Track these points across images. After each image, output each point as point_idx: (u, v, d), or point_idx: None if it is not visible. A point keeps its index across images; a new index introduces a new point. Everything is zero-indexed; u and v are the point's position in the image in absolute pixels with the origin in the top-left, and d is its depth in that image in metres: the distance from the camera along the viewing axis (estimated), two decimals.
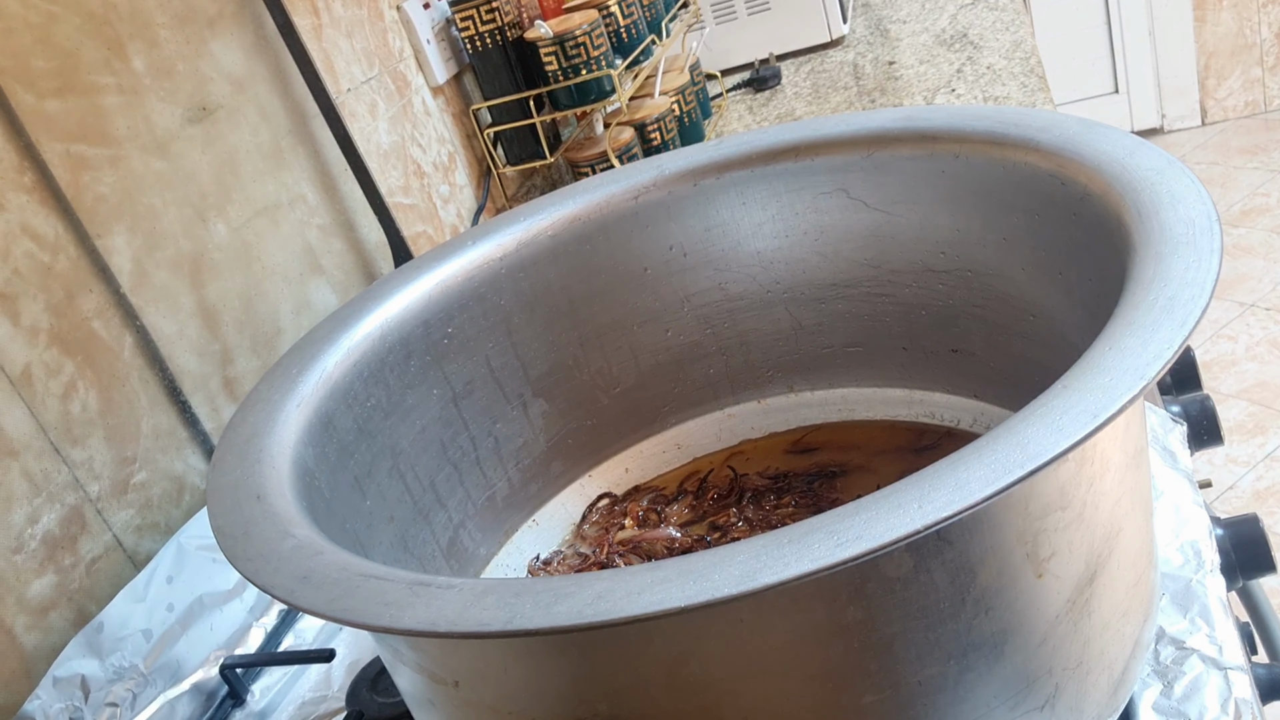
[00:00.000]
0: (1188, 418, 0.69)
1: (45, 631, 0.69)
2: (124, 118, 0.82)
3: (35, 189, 0.74)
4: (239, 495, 0.47)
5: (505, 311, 0.68)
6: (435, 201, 1.21)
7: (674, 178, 0.69)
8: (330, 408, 0.58)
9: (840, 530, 0.33)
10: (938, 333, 0.67)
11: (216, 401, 0.86)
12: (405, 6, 1.21)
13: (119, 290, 0.79)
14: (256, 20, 0.98)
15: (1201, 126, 2.90)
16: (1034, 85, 1.17)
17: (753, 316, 0.72)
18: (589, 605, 0.34)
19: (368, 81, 1.12)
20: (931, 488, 0.34)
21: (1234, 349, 2.07)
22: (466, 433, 0.67)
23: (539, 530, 0.71)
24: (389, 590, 0.38)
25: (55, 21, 0.77)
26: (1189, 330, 0.37)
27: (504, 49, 1.24)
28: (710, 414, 0.76)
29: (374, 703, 0.63)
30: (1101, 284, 0.47)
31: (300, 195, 1.00)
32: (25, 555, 0.69)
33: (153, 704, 0.68)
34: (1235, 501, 1.74)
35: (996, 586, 0.39)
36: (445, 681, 0.44)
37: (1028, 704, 0.42)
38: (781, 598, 0.36)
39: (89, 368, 0.75)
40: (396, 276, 0.66)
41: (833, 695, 0.39)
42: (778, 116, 1.41)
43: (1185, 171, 0.47)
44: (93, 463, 0.74)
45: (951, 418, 0.69)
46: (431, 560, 0.63)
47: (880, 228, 0.66)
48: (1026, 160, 0.55)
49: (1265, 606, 0.84)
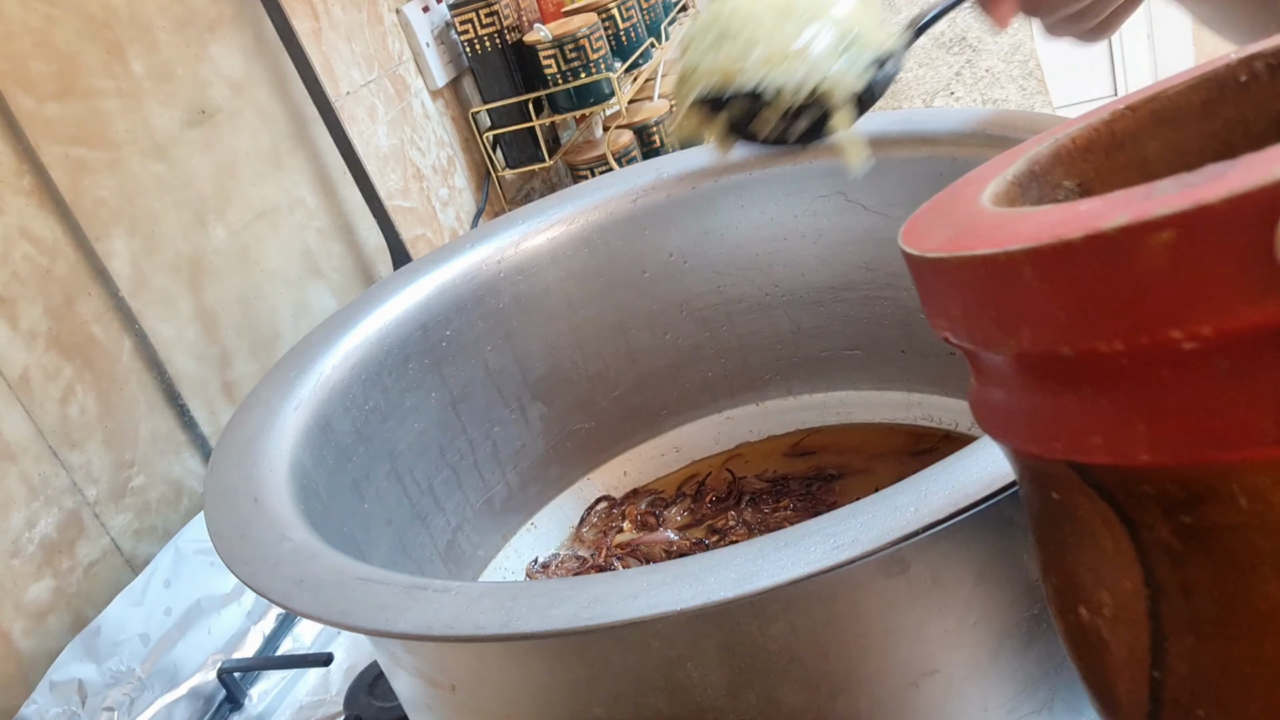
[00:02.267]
0: None
1: (42, 635, 0.69)
2: (123, 121, 0.82)
3: (34, 192, 0.74)
4: (236, 499, 0.47)
5: (504, 314, 0.68)
6: (434, 204, 1.22)
7: (673, 181, 0.69)
8: (328, 411, 0.58)
9: (837, 533, 0.33)
10: (936, 335, 0.67)
11: (215, 405, 0.86)
12: (405, 10, 1.21)
13: (118, 294, 0.79)
14: (256, 24, 0.98)
15: None
16: (1033, 88, 1.17)
17: (751, 319, 0.72)
18: (586, 608, 0.34)
19: (367, 85, 1.13)
20: (929, 490, 0.34)
21: None
22: (464, 436, 0.67)
23: (537, 533, 0.71)
24: (386, 594, 0.38)
25: (55, 25, 0.77)
26: None
27: (503, 52, 1.24)
28: (708, 417, 0.76)
29: (372, 707, 0.63)
30: None
31: (299, 198, 1.00)
32: (23, 559, 0.69)
33: (150, 708, 0.68)
34: None
35: (994, 588, 0.39)
36: (442, 685, 0.44)
37: (1025, 706, 0.42)
38: (779, 600, 0.36)
39: (87, 371, 0.75)
40: (395, 279, 0.66)
41: (829, 699, 0.39)
42: None
43: None
44: (91, 466, 0.74)
45: (950, 420, 0.69)
46: (429, 563, 0.63)
47: (878, 230, 0.66)
48: None
49: None
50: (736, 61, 0.40)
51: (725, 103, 0.40)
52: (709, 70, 0.41)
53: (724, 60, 0.40)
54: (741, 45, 0.40)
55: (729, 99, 0.40)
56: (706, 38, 0.41)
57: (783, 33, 0.39)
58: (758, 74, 0.39)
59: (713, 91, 0.41)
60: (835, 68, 0.40)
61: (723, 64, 0.40)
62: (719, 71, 0.40)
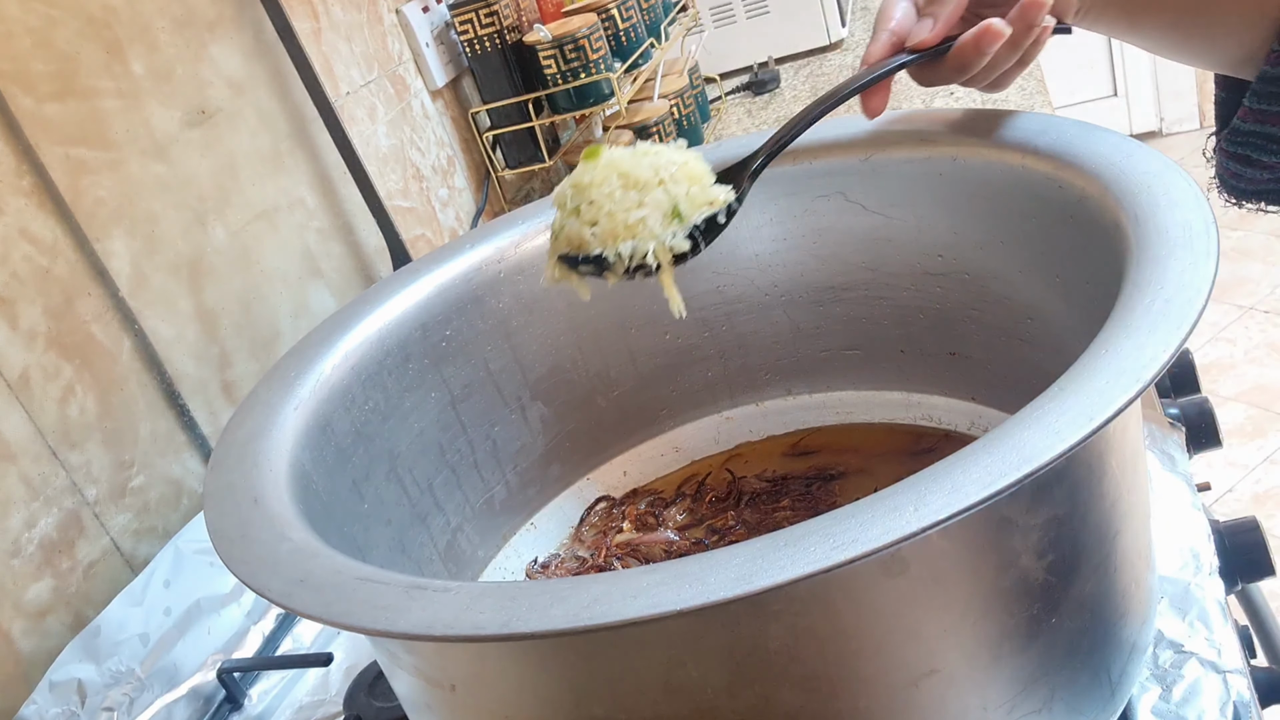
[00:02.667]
0: (1186, 420, 0.69)
1: (42, 636, 0.69)
2: (123, 121, 0.82)
3: (34, 192, 0.74)
4: (236, 498, 0.47)
5: (503, 315, 0.68)
6: (434, 205, 1.22)
7: None
8: (328, 411, 0.58)
9: (837, 533, 0.33)
10: (935, 335, 0.67)
11: (214, 405, 0.86)
12: (404, 10, 1.21)
13: (117, 294, 0.79)
14: (256, 24, 0.98)
15: (1200, 130, 2.90)
16: (1032, 88, 1.17)
17: (751, 319, 0.72)
18: (586, 608, 0.34)
19: (367, 85, 1.13)
20: (928, 490, 0.34)
21: (1233, 352, 2.07)
22: (464, 436, 0.67)
23: (537, 533, 0.71)
24: (386, 593, 0.38)
25: (55, 25, 0.77)
26: (1185, 333, 0.37)
27: (503, 52, 1.24)
28: (708, 417, 0.76)
29: (371, 707, 0.63)
30: (1099, 287, 0.47)
31: (299, 199, 1.00)
32: (22, 559, 0.69)
33: (150, 708, 0.68)
34: (1234, 504, 1.74)
35: (993, 589, 0.39)
36: (442, 685, 0.44)
37: (1024, 707, 0.42)
38: (778, 600, 0.36)
39: (87, 371, 0.75)
40: (395, 280, 0.66)
41: (828, 698, 0.39)
42: (776, 120, 1.41)
43: (1183, 174, 0.47)
44: (90, 467, 0.74)
45: (949, 421, 0.69)
46: (429, 563, 0.63)
47: (878, 230, 0.66)
48: (1024, 163, 0.55)
49: (1264, 609, 0.84)
50: (585, 231, 0.51)
51: (580, 261, 0.52)
52: (568, 236, 0.52)
53: (577, 230, 0.51)
54: (590, 217, 0.51)
55: (582, 259, 0.51)
56: (569, 203, 0.52)
57: (623, 205, 0.50)
58: (600, 245, 0.51)
59: (570, 252, 0.52)
60: (663, 236, 0.50)
61: (576, 233, 0.51)
62: (574, 239, 0.51)
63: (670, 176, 0.51)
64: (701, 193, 0.52)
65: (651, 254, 0.50)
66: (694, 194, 0.51)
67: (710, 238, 0.52)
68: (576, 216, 0.51)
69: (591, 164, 0.51)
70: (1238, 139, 0.54)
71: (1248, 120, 0.53)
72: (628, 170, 0.50)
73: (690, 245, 0.51)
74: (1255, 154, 0.53)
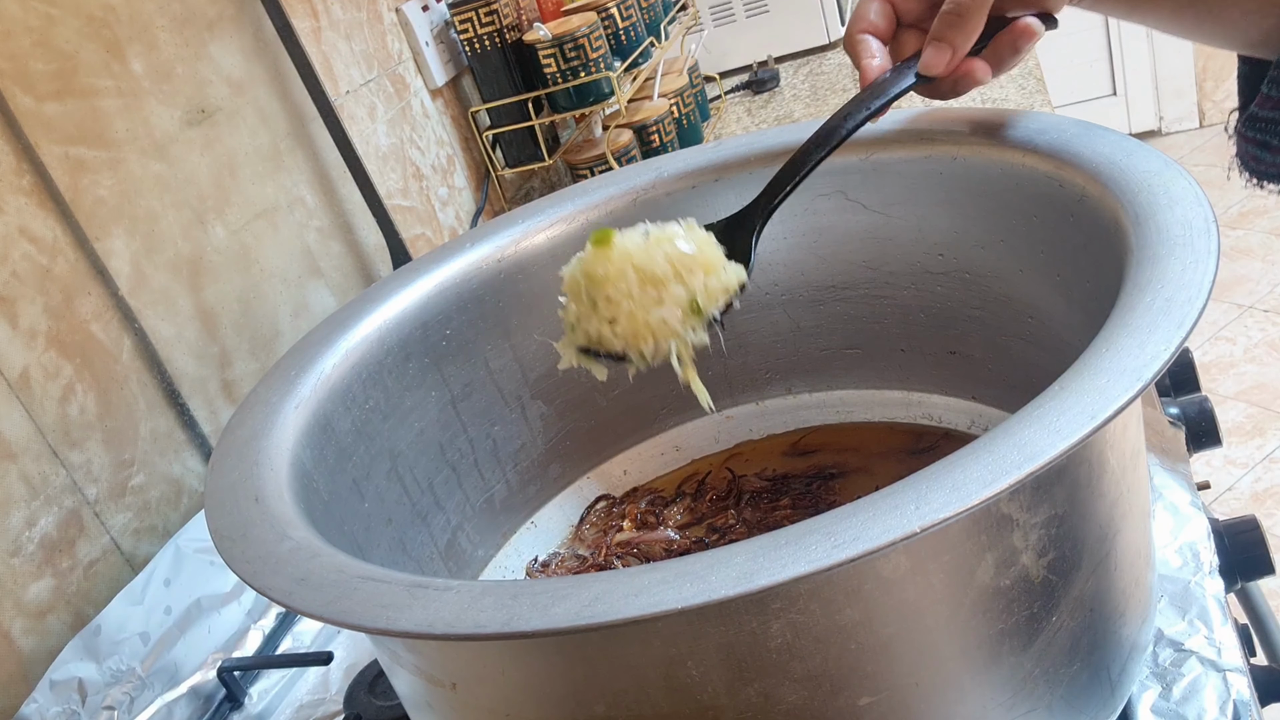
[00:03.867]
0: (1186, 419, 0.69)
1: (42, 635, 0.69)
2: (123, 120, 0.82)
3: (34, 191, 0.74)
4: (237, 497, 0.47)
5: (504, 314, 0.68)
6: (434, 204, 1.22)
7: (672, 180, 0.69)
8: (328, 410, 0.58)
9: (837, 532, 0.33)
10: (935, 334, 0.67)
11: (215, 404, 0.86)
12: (404, 9, 1.21)
13: (117, 293, 0.79)
14: (255, 23, 0.98)
15: (1199, 129, 2.90)
16: (1032, 87, 1.17)
17: (751, 318, 0.72)
18: (586, 607, 0.34)
19: (366, 84, 1.13)
20: (929, 489, 0.34)
21: (1232, 351, 2.07)
22: (465, 435, 0.67)
23: (537, 532, 0.71)
24: (386, 592, 0.38)
25: (54, 24, 0.77)
26: (1186, 332, 0.37)
27: (503, 51, 1.24)
28: (708, 416, 0.76)
29: (372, 705, 0.63)
30: (1099, 285, 0.47)
31: (299, 198, 1.00)
32: (23, 558, 0.69)
33: (150, 707, 0.68)
34: (1234, 503, 1.74)
35: (993, 588, 0.39)
36: (443, 684, 0.44)
37: (1024, 705, 0.42)
38: (779, 598, 0.36)
39: (87, 370, 0.75)
40: (395, 279, 0.66)
41: (829, 697, 0.39)
42: (776, 119, 1.41)
43: (1183, 173, 0.47)
44: (91, 466, 0.74)
45: (949, 419, 0.69)
46: (429, 562, 0.63)
47: (878, 229, 0.66)
48: (1024, 162, 0.55)
49: (1264, 608, 0.84)
50: (605, 329, 0.51)
51: (600, 354, 0.52)
52: (586, 331, 0.51)
53: (596, 327, 0.51)
54: (608, 314, 0.50)
55: (602, 354, 0.52)
56: (584, 295, 0.51)
57: (642, 305, 0.50)
58: (622, 344, 0.51)
59: (591, 347, 0.52)
60: (684, 333, 0.51)
61: (596, 329, 0.51)
62: (594, 335, 0.51)
63: (686, 270, 0.50)
64: (718, 283, 0.51)
65: (674, 353, 0.50)
66: (710, 286, 0.51)
67: (724, 314, 0.52)
68: (594, 311, 0.51)
69: (603, 252, 0.50)
70: (1256, 125, 0.53)
71: (1264, 107, 0.52)
72: (642, 265, 0.50)
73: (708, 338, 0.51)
74: (1274, 140, 0.52)
